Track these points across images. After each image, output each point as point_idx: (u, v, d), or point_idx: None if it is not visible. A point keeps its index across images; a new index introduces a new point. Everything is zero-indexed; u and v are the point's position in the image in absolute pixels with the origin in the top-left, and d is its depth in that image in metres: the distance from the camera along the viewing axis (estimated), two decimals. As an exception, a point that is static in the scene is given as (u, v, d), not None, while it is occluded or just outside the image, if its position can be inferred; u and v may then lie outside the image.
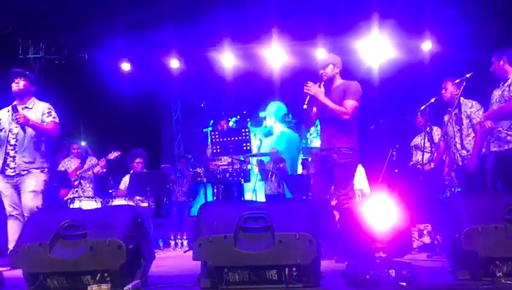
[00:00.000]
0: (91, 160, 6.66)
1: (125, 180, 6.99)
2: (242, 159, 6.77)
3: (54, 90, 8.53)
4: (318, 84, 4.15)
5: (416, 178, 6.11)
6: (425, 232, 5.47)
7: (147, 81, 9.57)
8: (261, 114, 11.30)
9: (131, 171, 6.88)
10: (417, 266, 2.94)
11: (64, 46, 8.99)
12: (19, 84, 4.58)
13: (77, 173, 6.50)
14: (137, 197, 6.32)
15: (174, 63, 8.98)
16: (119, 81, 8.96)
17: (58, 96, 4.90)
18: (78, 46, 8.95)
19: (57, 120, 4.64)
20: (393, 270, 2.72)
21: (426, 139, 5.28)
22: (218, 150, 6.21)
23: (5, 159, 4.47)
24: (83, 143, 7.66)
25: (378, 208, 2.95)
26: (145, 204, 6.24)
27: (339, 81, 4.28)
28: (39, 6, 7.22)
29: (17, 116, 4.39)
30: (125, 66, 8.99)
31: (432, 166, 5.45)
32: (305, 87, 4.10)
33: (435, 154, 5.49)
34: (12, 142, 4.49)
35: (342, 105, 4.09)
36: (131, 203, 6.11)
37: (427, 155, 5.43)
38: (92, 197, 6.14)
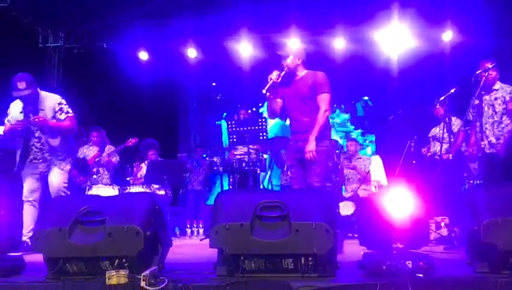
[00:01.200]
0: (109, 148, 6.74)
1: (141, 168, 7.08)
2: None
3: (72, 79, 8.64)
4: (278, 73, 4.12)
5: (434, 169, 6.06)
6: (442, 224, 5.43)
7: (164, 71, 9.61)
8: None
9: (146, 161, 6.98)
10: (434, 258, 2.91)
11: (83, 35, 9.06)
12: (25, 91, 4.43)
13: (95, 160, 6.58)
14: (154, 186, 6.39)
15: (192, 53, 8.99)
16: (137, 70, 9.01)
17: (77, 85, 4.94)
18: (96, 36, 9.01)
19: (70, 114, 4.64)
20: (410, 262, 2.70)
21: (445, 130, 5.21)
22: (235, 140, 6.23)
23: (29, 151, 4.56)
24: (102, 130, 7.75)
25: (396, 199, 2.93)
26: (162, 192, 6.31)
27: (303, 72, 4.23)
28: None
29: (36, 121, 4.42)
30: (143, 56, 9.03)
31: (451, 157, 5.38)
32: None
33: (454, 145, 5.42)
34: (37, 134, 4.57)
35: (314, 98, 4.09)
36: (148, 191, 6.18)
37: (445, 146, 5.36)
38: (110, 184, 6.23)
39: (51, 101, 4.62)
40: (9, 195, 4.29)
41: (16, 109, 4.65)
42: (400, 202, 2.90)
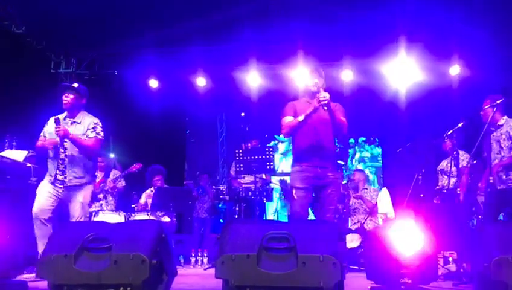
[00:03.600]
0: (115, 174, 6.76)
1: (145, 195, 7.09)
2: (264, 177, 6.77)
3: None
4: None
5: (442, 203, 6.01)
6: (450, 259, 5.34)
7: (173, 98, 9.72)
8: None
9: (151, 188, 6.99)
10: (443, 294, 2.86)
11: (95, 62, 9.20)
12: (68, 99, 4.67)
13: (100, 185, 6.59)
14: (159, 213, 6.37)
15: (201, 81, 9.10)
16: (147, 97, 9.12)
17: (87, 110, 5.00)
18: (108, 63, 9.15)
19: (99, 136, 4.72)
20: (418, 298, 2.66)
21: (453, 164, 5.19)
22: (242, 168, 6.23)
23: (55, 173, 4.58)
24: (112, 155, 7.80)
25: (404, 232, 2.90)
26: (168, 219, 6.28)
27: None
28: (72, 23, 7.44)
29: (57, 129, 4.49)
30: (153, 83, 9.14)
31: (459, 191, 5.36)
32: (321, 97, 3.93)
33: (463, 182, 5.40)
34: (62, 156, 4.60)
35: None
36: (153, 218, 6.16)
37: (453, 180, 5.34)
38: (115, 211, 6.22)
39: (90, 119, 4.75)
40: (19, 218, 4.29)
41: (52, 124, 4.71)
42: (407, 236, 2.88)
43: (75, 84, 4.85)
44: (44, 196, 4.56)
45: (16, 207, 4.78)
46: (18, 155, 5.27)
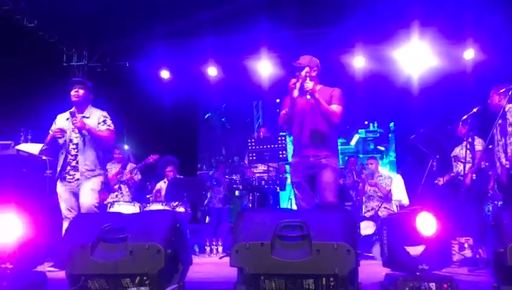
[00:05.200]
0: (131, 166, 6.82)
1: (159, 186, 7.15)
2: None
3: (96, 97, 8.80)
4: (294, 82, 3.94)
5: (456, 189, 5.96)
6: (466, 245, 5.32)
7: (185, 89, 9.74)
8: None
9: (165, 179, 7.04)
10: (458, 280, 2.85)
11: (106, 54, 9.25)
12: (78, 93, 4.75)
13: (117, 176, 6.65)
14: (174, 203, 6.42)
15: (212, 71, 9.10)
16: (159, 88, 9.15)
17: (99, 103, 5.05)
18: (119, 55, 9.19)
19: (111, 128, 4.81)
20: (434, 284, 2.65)
21: (468, 150, 5.14)
22: (254, 158, 6.23)
23: (64, 167, 4.66)
24: (126, 147, 7.86)
25: (419, 219, 2.88)
26: (182, 209, 6.33)
27: (317, 86, 4.11)
28: (83, 16, 7.47)
29: (74, 121, 4.57)
30: (165, 74, 9.17)
31: (474, 177, 5.30)
32: (299, 79, 3.89)
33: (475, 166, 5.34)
34: (73, 152, 4.68)
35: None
36: (167, 208, 6.21)
37: (468, 166, 5.29)
38: (131, 202, 6.28)
39: (98, 113, 4.83)
40: (36, 210, 4.35)
41: (61, 119, 4.83)
42: (423, 222, 2.86)
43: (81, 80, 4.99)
44: (65, 196, 4.67)
45: (33, 199, 4.86)
46: (34, 148, 5.34)
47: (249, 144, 6.21)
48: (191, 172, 9.85)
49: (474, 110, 4.94)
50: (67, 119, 4.76)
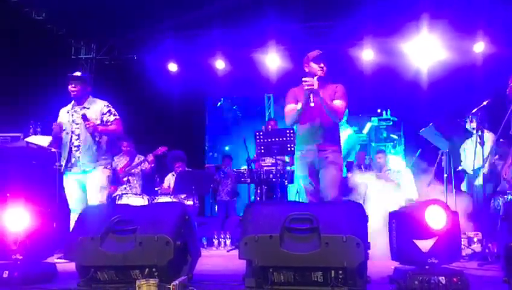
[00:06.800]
0: (139, 158, 6.84)
1: (168, 179, 7.17)
2: (287, 161, 6.74)
3: (104, 89, 8.81)
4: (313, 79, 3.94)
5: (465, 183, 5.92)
6: (475, 239, 5.28)
7: (192, 82, 9.73)
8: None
9: (173, 172, 7.06)
10: (468, 275, 2.83)
11: (114, 47, 9.25)
12: (75, 88, 4.78)
13: (125, 169, 6.68)
14: (182, 195, 6.44)
15: (220, 64, 9.08)
16: (166, 81, 9.14)
17: (107, 96, 5.07)
18: (127, 48, 9.19)
19: (117, 117, 4.86)
20: (443, 277, 2.64)
21: (478, 143, 5.09)
22: (262, 151, 6.21)
23: (69, 159, 4.70)
24: None
25: (428, 212, 2.87)
26: (190, 202, 6.35)
27: (326, 82, 4.13)
28: (92, 9, 7.48)
29: (88, 126, 4.60)
30: (172, 67, 9.17)
31: (486, 171, 5.26)
32: (305, 83, 3.90)
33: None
34: (76, 143, 4.72)
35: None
36: (176, 200, 6.23)
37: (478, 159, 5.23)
38: (139, 194, 6.31)
39: (100, 104, 4.85)
40: (46, 202, 4.38)
41: (63, 113, 4.88)
42: (432, 216, 2.85)
43: (78, 73, 5.02)
44: (73, 189, 4.71)
45: (42, 191, 4.89)
46: (43, 141, 5.36)
47: (257, 136, 6.20)
48: (199, 164, 9.87)
49: (484, 103, 4.90)
50: (68, 112, 4.82)
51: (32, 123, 5.76)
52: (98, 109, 4.81)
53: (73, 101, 4.87)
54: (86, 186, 4.69)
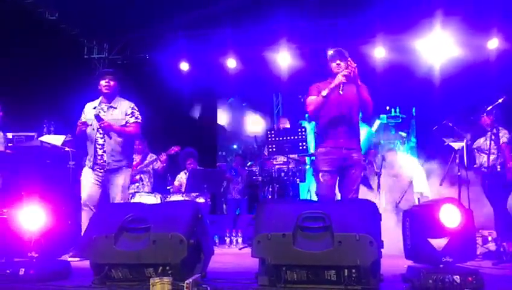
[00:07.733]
0: (151, 156, 6.88)
1: (180, 177, 7.20)
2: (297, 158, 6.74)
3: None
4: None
5: (480, 181, 5.85)
6: (489, 238, 5.23)
7: (204, 81, 9.75)
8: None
9: (185, 171, 7.09)
10: (483, 274, 2.80)
11: (127, 47, 9.31)
12: (109, 84, 4.74)
13: (137, 167, 6.72)
14: (194, 194, 6.46)
15: (231, 63, 9.09)
16: (178, 80, 9.18)
17: (120, 95, 5.09)
18: (139, 47, 9.24)
19: (139, 120, 4.82)
20: (458, 276, 2.62)
21: (492, 141, 5.04)
22: (274, 149, 6.21)
23: (95, 157, 4.67)
24: None
25: (440, 211, 2.85)
26: (202, 200, 6.37)
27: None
28: (104, 9, 7.53)
29: (102, 125, 4.58)
30: (184, 66, 9.20)
31: (499, 169, 5.20)
32: (350, 67, 3.89)
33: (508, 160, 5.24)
34: (100, 141, 4.68)
35: (358, 109, 4.12)
36: (188, 199, 6.25)
37: (492, 157, 5.18)
38: (152, 193, 6.35)
39: (126, 105, 4.81)
40: (60, 201, 4.42)
41: (89, 108, 4.81)
42: (447, 214, 2.82)
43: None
44: (90, 183, 4.67)
45: (56, 190, 4.93)
46: (56, 140, 5.41)
47: (269, 135, 6.20)
48: (211, 163, 9.89)
49: (500, 100, 4.83)
50: (94, 108, 4.75)
51: (46, 122, 5.82)
52: (124, 109, 4.77)
53: (101, 97, 4.80)
54: (105, 184, 4.67)
